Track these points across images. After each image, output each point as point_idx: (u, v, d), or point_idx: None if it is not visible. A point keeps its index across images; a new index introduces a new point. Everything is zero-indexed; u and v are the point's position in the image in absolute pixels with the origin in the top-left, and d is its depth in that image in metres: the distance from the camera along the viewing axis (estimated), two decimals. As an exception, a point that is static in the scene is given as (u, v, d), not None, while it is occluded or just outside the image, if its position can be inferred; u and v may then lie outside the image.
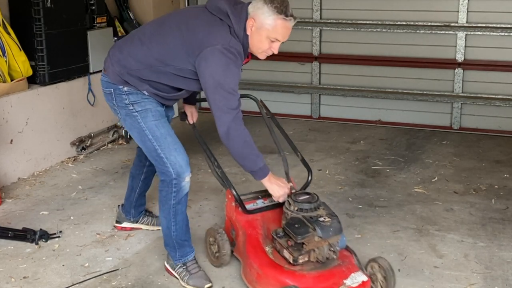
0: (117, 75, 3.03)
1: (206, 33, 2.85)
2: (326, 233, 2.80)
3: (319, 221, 2.83)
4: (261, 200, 3.27)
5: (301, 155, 3.35)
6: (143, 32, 3.08)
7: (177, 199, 3.09)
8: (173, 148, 3.03)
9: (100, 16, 5.49)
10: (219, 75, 2.80)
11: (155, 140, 3.03)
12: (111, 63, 3.07)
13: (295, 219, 2.90)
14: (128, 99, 3.04)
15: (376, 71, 6.21)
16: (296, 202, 2.95)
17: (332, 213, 2.92)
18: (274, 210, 3.19)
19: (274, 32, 2.86)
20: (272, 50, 2.96)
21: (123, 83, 3.03)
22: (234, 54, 2.83)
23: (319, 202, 2.96)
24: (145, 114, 3.03)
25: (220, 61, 2.80)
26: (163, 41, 2.95)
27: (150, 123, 3.03)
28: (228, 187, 3.20)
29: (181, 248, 3.20)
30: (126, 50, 3.04)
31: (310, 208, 2.91)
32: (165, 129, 3.05)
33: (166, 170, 3.03)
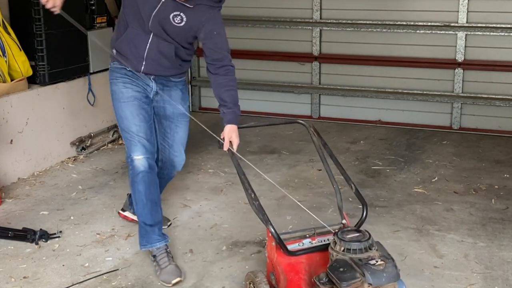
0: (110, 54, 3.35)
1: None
2: (378, 280, 2.36)
3: (370, 264, 2.39)
4: (309, 240, 2.78)
5: (356, 187, 2.95)
6: None
7: (132, 177, 3.24)
8: (127, 130, 3.22)
9: (100, 16, 5.49)
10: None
11: (119, 119, 3.27)
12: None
13: (341, 261, 2.45)
14: (112, 76, 3.31)
15: (376, 71, 6.21)
16: (343, 241, 2.48)
17: (387, 256, 2.48)
18: (323, 252, 2.67)
19: None
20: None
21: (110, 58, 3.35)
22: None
23: (371, 242, 2.50)
24: (114, 96, 3.29)
25: None
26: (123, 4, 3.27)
27: (115, 105, 3.28)
28: (265, 223, 2.71)
29: (146, 234, 3.26)
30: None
31: (359, 248, 2.46)
32: (123, 113, 3.23)
33: (127, 148, 3.26)
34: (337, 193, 2.98)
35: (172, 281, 3.11)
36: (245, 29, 6.55)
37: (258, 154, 5.28)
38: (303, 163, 4.90)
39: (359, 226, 2.77)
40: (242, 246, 3.58)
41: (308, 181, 4.56)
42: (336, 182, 3.04)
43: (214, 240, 3.65)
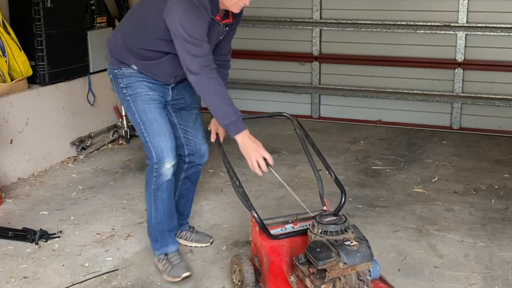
0: (110, 56, 3.14)
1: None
2: (352, 259, 2.47)
3: (344, 245, 2.51)
4: (291, 225, 2.95)
5: (335, 175, 3.07)
6: (130, 11, 3.23)
7: (157, 184, 3.12)
8: (158, 133, 3.06)
9: (100, 16, 5.49)
10: (179, 21, 2.80)
11: (142, 124, 3.09)
12: (108, 49, 3.18)
13: (318, 242, 2.58)
14: (122, 83, 3.12)
15: (376, 71, 6.21)
16: (321, 224, 2.63)
17: (361, 237, 2.60)
18: (304, 236, 2.80)
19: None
20: (244, 2, 2.86)
21: (116, 64, 3.12)
22: (195, 3, 2.80)
23: (347, 224, 2.63)
24: (135, 99, 3.10)
25: (180, 8, 2.80)
26: (141, 7, 3.06)
27: (139, 108, 3.10)
28: (249, 209, 2.86)
29: (162, 238, 3.22)
30: (115, 31, 3.20)
31: (335, 230, 2.60)
32: (152, 114, 3.08)
33: (150, 154, 3.10)
34: (318, 181, 3.13)
35: (182, 275, 3.13)
36: (245, 29, 6.54)
37: (258, 154, 5.28)
38: (303, 163, 4.90)
39: (338, 211, 2.88)
40: (242, 246, 3.58)
41: (308, 181, 4.56)
42: (318, 172, 3.16)
43: (214, 240, 3.65)
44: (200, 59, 2.81)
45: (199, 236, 3.59)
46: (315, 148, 3.17)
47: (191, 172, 3.44)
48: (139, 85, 3.11)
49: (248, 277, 2.90)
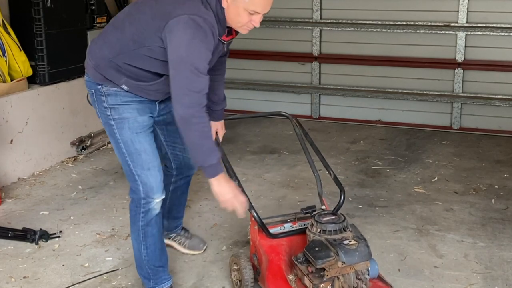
0: (94, 69, 2.79)
1: (173, 3, 2.55)
2: (350, 258, 2.48)
3: (343, 244, 2.52)
4: (290, 224, 2.95)
5: (334, 174, 3.05)
6: (117, 17, 2.82)
7: (146, 220, 2.86)
8: (147, 167, 2.78)
9: (100, 16, 5.49)
10: (181, 48, 2.49)
11: (128, 155, 2.79)
12: (89, 58, 2.85)
13: (316, 242, 2.60)
14: (106, 102, 2.79)
15: (376, 71, 6.21)
16: (319, 223, 2.63)
17: (360, 236, 2.61)
18: (303, 235, 2.82)
19: (251, 4, 2.53)
20: (253, 24, 2.60)
21: (101, 80, 2.78)
22: (202, 26, 2.49)
23: (345, 224, 2.64)
24: (121, 125, 2.77)
25: (185, 33, 2.48)
26: (134, 20, 2.68)
27: (125, 136, 2.78)
28: (248, 208, 2.82)
29: (155, 275, 2.97)
30: (101, 40, 2.80)
31: (334, 229, 2.60)
32: (141, 145, 2.78)
33: (136, 188, 2.82)
34: (317, 181, 3.12)
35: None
36: (245, 29, 6.54)
37: (258, 154, 5.28)
38: (303, 163, 4.88)
39: (337, 210, 2.87)
40: (242, 246, 3.58)
41: (308, 181, 4.56)
42: (317, 171, 3.14)
43: (214, 240, 3.65)
44: (195, 96, 2.52)
45: (193, 242, 3.49)
46: (314, 147, 3.17)
47: (181, 183, 3.30)
48: (127, 108, 2.78)
49: (247, 276, 2.90)
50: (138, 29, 2.64)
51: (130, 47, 2.67)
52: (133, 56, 2.68)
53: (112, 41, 2.73)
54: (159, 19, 2.55)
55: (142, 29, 2.62)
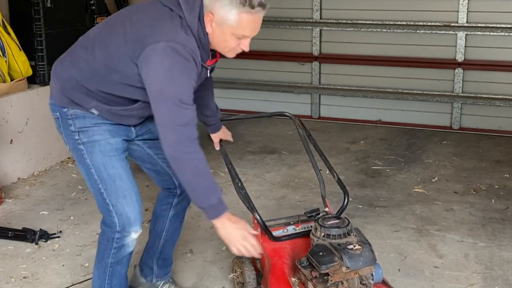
0: (60, 92, 2.48)
1: (149, 28, 2.27)
2: (355, 263, 2.44)
3: (347, 249, 2.47)
4: (293, 227, 2.88)
5: (337, 176, 3.02)
6: (87, 35, 2.51)
7: (117, 258, 2.55)
8: (122, 195, 2.46)
9: (100, 16, 5.49)
10: (161, 80, 2.22)
11: (101, 182, 2.47)
12: (53, 80, 2.52)
13: (320, 246, 2.55)
14: (74, 125, 2.47)
15: (376, 71, 6.21)
16: (323, 227, 2.59)
17: (365, 241, 2.57)
18: (306, 238, 2.76)
19: (240, 29, 2.30)
20: (242, 47, 2.40)
21: (68, 104, 2.46)
22: (182, 54, 2.22)
23: (350, 228, 2.59)
24: (92, 149, 2.46)
25: (163, 62, 2.21)
26: (106, 43, 2.38)
27: (97, 162, 2.47)
28: (251, 211, 2.78)
29: None
30: (67, 60, 2.49)
31: (338, 234, 2.55)
32: (115, 170, 2.47)
33: (111, 221, 2.49)
34: (320, 182, 3.05)
35: None
36: (245, 29, 6.55)
37: (258, 154, 5.29)
38: (303, 163, 4.90)
39: (340, 213, 2.84)
40: (242, 246, 3.57)
41: (308, 181, 4.56)
42: (320, 172, 3.09)
43: (214, 240, 3.65)
44: (182, 130, 2.25)
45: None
46: (318, 148, 3.13)
47: (182, 207, 2.92)
48: (97, 131, 2.47)
49: (250, 279, 2.88)
50: (110, 53, 2.35)
51: (101, 72, 2.38)
52: (104, 81, 2.40)
53: (81, 64, 2.43)
54: (133, 43, 2.28)
55: (115, 54, 2.34)
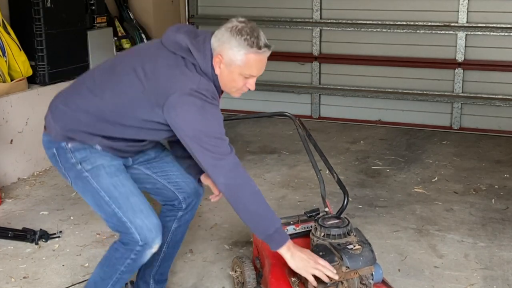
0: (60, 131, 2.49)
1: (169, 77, 2.36)
2: (355, 263, 2.44)
3: (347, 249, 2.48)
4: (292, 227, 2.88)
5: (337, 176, 3.01)
6: (93, 79, 2.53)
7: (130, 267, 2.52)
8: (139, 209, 2.44)
9: (100, 16, 5.50)
10: (197, 122, 2.32)
11: (113, 202, 2.45)
12: (54, 119, 2.52)
13: (320, 246, 2.55)
14: (74, 158, 2.48)
15: (376, 71, 6.21)
16: (323, 227, 2.58)
17: (365, 241, 2.58)
18: (306, 238, 2.75)
19: (247, 68, 2.42)
20: (248, 87, 2.51)
21: (67, 140, 2.48)
22: (207, 97, 2.35)
23: (349, 228, 2.59)
24: (97, 173, 2.46)
25: (195, 106, 2.32)
26: (118, 90, 2.43)
27: (105, 183, 2.46)
28: None
29: None
30: (73, 103, 2.50)
31: (338, 234, 2.55)
32: (126, 188, 2.47)
33: (131, 238, 2.45)
34: (320, 182, 3.04)
35: None
36: (245, 29, 6.55)
37: (258, 154, 5.29)
38: (303, 163, 4.90)
39: (340, 214, 2.82)
40: (242, 246, 3.58)
41: (308, 181, 4.56)
42: (320, 173, 3.08)
43: (214, 240, 3.65)
44: (229, 158, 2.35)
45: None
46: (318, 148, 3.14)
47: (186, 220, 2.87)
48: (99, 156, 2.48)
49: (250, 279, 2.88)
50: (125, 101, 2.41)
51: (114, 117, 2.44)
52: (115, 125, 2.45)
53: (90, 109, 2.46)
54: (154, 93, 2.36)
55: (131, 102, 2.40)
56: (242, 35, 2.35)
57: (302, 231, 2.85)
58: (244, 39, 2.34)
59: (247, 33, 2.35)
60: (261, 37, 2.39)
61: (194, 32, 2.47)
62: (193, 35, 2.44)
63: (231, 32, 2.36)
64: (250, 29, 2.37)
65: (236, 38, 2.35)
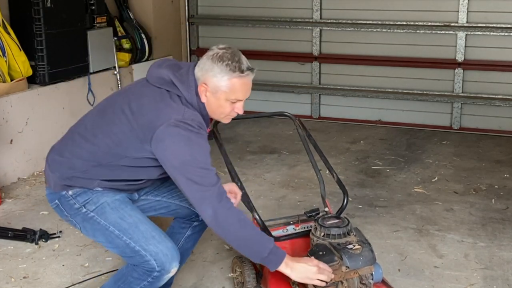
0: (59, 181, 2.54)
1: (154, 110, 2.39)
2: (355, 263, 2.45)
3: (347, 248, 2.48)
4: (292, 227, 2.89)
5: (337, 176, 3.04)
6: (84, 126, 2.59)
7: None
8: (151, 236, 2.45)
9: (100, 16, 5.49)
10: (183, 153, 2.34)
11: (123, 234, 2.45)
12: (51, 171, 2.56)
13: (320, 246, 2.55)
14: (77, 202, 2.51)
15: (376, 71, 6.21)
16: (323, 227, 2.59)
17: (364, 240, 2.58)
18: (306, 237, 2.77)
19: (233, 93, 2.44)
20: (236, 111, 2.52)
21: (66, 188, 2.53)
22: (193, 128, 2.37)
23: (349, 227, 2.60)
24: (103, 210, 2.49)
25: (180, 137, 2.34)
26: (109, 131, 2.47)
27: (112, 218, 2.48)
28: (250, 211, 2.76)
29: None
30: (67, 152, 2.55)
31: (338, 233, 2.56)
32: (133, 218, 2.49)
33: (147, 266, 2.43)
34: (320, 182, 3.04)
35: None
36: (245, 29, 6.55)
37: (258, 154, 5.29)
38: (303, 163, 4.90)
39: (340, 213, 2.85)
40: (242, 246, 3.57)
41: (308, 181, 4.56)
42: (320, 172, 3.08)
43: (214, 240, 3.65)
44: (214, 189, 2.36)
45: None
46: (318, 148, 3.14)
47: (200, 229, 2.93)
48: (101, 195, 2.51)
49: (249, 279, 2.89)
50: (116, 141, 2.45)
51: (108, 160, 2.48)
52: (109, 167, 2.49)
53: (84, 155, 2.50)
54: (141, 129, 2.39)
55: (122, 141, 2.44)
56: (224, 61, 2.40)
57: (302, 231, 2.85)
58: (226, 65, 2.40)
59: (228, 58, 2.41)
60: (243, 60, 2.45)
61: (177, 65, 2.52)
62: (176, 68, 2.49)
63: (212, 59, 2.42)
64: (231, 54, 2.42)
65: (218, 64, 2.40)
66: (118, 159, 2.47)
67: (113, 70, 5.67)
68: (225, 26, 6.66)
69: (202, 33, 6.86)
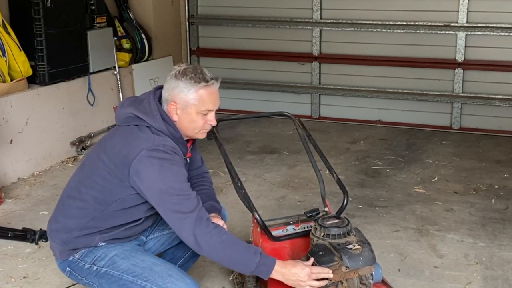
0: (62, 247, 2.58)
1: (126, 146, 2.43)
2: (355, 263, 2.46)
3: (347, 248, 2.49)
4: (292, 226, 2.89)
5: (337, 176, 3.04)
6: (69, 187, 2.64)
7: None
8: (167, 274, 2.45)
9: (100, 16, 5.49)
10: (156, 182, 2.37)
11: (138, 278, 2.45)
12: (53, 240, 2.61)
13: (320, 246, 2.56)
14: (86, 263, 2.55)
15: (376, 71, 6.21)
16: (323, 227, 2.60)
17: (364, 240, 2.59)
18: (306, 237, 2.78)
19: (202, 104, 2.47)
20: (209, 123, 2.54)
21: (73, 252, 2.56)
22: (165, 154, 2.40)
23: (349, 228, 2.60)
24: (114, 262, 2.51)
25: (152, 167, 2.37)
26: (91, 182, 2.52)
27: (125, 266, 2.49)
28: (251, 211, 2.78)
29: None
30: (60, 216, 2.60)
31: (338, 234, 2.56)
32: (146, 262, 2.50)
33: None
34: (320, 182, 3.05)
35: None
36: (245, 29, 6.55)
37: (258, 154, 5.29)
38: (303, 163, 4.90)
39: (340, 213, 2.85)
40: (242, 246, 3.57)
41: (308, 181, 4.56)
42: (320, 172, 3.08)
43: (214, 240, 3.65)
44: (192, 215, 2.37)
45: None
46: (318, 148, 3.14)
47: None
48: (108, 250, 2.54)
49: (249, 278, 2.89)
50: (99, 189, 2.49)
51: (98, 210, 2.51)
52: (102, 218, 2.52)
53: (76, 213, 2.54)
54: (119, 168, 2.44)
55: (104, 187, 2.48)
56: (187, 75, 2.45)
57: (302, 231, 2.85)
58: (189, 78, 2.45)
59: (191, 72, 2.46)
60: (206, 72, 2.50)
61: (137, 100, 2.56)
62: (137, 102, 2.53)
63: (176, 77, 2.47)
64: (193, 68, 2.48)
65: (182, 80, 2.45)
66: (107, 206, 2.50)
67: (113, 70, 5.67)
68: (225, 26, 6.67)
69: (202, 33, 6.86)
